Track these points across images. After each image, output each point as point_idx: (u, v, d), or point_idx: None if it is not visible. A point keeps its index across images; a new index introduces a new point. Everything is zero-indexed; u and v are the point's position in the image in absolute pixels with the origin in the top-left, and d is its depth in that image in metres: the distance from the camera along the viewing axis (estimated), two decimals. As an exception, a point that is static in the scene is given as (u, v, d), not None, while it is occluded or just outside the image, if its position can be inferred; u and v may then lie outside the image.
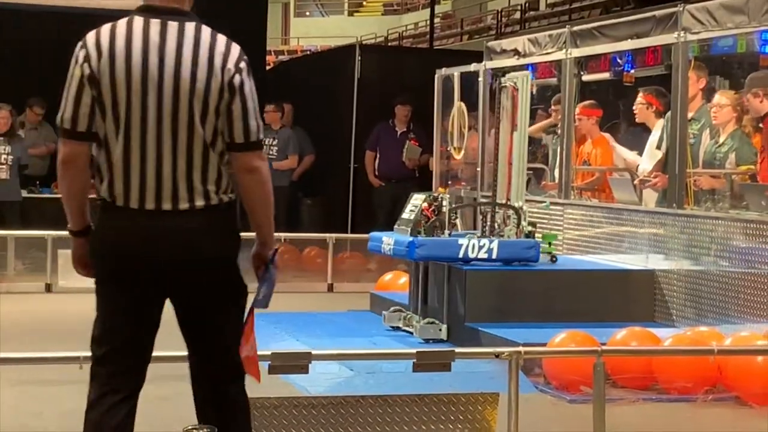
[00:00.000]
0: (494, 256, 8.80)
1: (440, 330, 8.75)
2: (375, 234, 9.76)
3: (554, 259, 9.12)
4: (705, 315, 8.30)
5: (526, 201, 9.29)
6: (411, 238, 8.79)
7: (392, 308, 9.41)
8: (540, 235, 9.17)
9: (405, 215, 9.16)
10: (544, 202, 9.86)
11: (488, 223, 9.10)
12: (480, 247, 8.78)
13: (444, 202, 8.92)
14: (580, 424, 6.08)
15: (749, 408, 6.88)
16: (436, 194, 9.07)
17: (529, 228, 9.01)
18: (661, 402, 7.06)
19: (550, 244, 9.13)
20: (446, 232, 8.90)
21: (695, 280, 8.47)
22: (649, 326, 8.08)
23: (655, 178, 9.26)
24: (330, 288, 12.33)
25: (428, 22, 22.91)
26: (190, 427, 1.65)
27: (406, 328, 9.14)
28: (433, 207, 8.92)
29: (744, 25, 7.97)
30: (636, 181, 9.58)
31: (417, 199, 9.12)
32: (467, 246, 8.75)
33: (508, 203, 9.12)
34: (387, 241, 9.22)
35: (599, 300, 8.78)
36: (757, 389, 6.85)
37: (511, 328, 8.22)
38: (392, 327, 9.31)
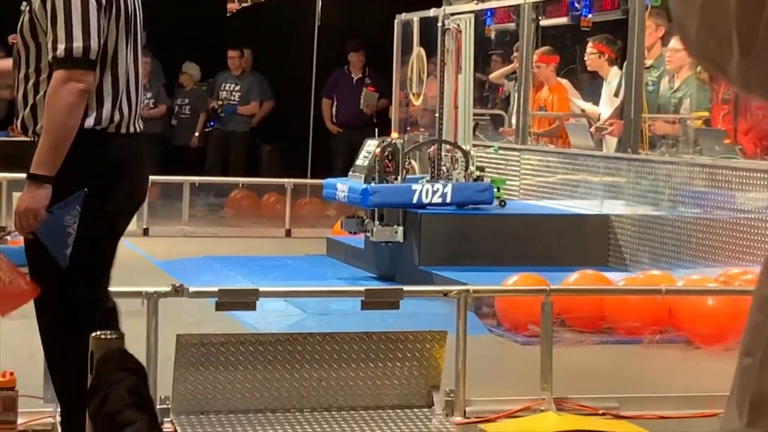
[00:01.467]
0: (448, 200, 8.78)
1: (396, 233, 8.72)
2: (329, 181, 9.72)
3: (503, 203, 9.11)
4: (659, 259, 8.34)
5: (477, 146, 9.26)
6: (365, 185, 8.75)
7: (349, 215, 9.27)
8: (489, 180, 9.16)
9: (359, 161, 9.11)
10: (493, 146, 9.82)
11: (436, 167, 9.08)
12: (434, 192, 8.76)
13: (398, 147, 8.88)
14: (528, 364, 6.10)
15: (697, 349, 6.93)
16: (389, 139, 9.03)
17: (478, 172, 8.99)
18: (610, 344, 7.10)
19: (499, 188, 9.12)
20: (399, 177, 8.87)
21: (649, 225, 8.51)
22: (603, 270, 8.11)
23: (612, 125, 9.26)
24: (288, 233, 12.30)
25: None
26: (99, 334, 1.65)
27: (365, 233, 9.09)
28: (386, 152, 8.88)
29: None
30: (592, 129, 9.58)
31: (371, 145, 9.07)
32: (421, 191, 8.73)
33: (457, 145, 9.10)
34: (341, 187, 9.19)
35: (554, 245, 8.80)
36: (706, 330, 6.89)
37: (464, 271, 8.23)
38: (351, 232, 9.26)
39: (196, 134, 14.82)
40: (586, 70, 10.22)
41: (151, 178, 11.93)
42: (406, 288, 5.43)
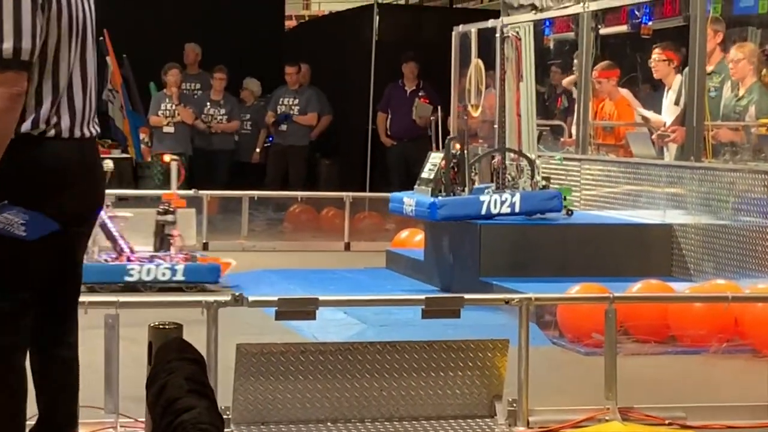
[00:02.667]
0: (517, 209, 8.69)
1: None
2: (395, 195, 9.66)
3: (570, 212, 9.01)
4: (723, 269, 8.20)
5: (539, 156, 9.17)
6: (432, 199, 8.69)
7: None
8: (555, 188, 9.07)
9: (424, 174, 9.05)
10: (557, 156, 9.71)
11: (501, 177, 8.99)
12: (502, 202, 8.68)
13: (463, 158, 8.79)
14: (592, 374, 6.01)
15: (764, 358, 6.79)
16: (453, 151, 8.94)
17: (543, 182, 8.90)
18: (674, 354, 6.98)
19: (566, 197, 9.03)
20: (466, 188, 8.80)
21: (713, 234, 8.37)
22: (667, 281, 7.99)
23: (674, 132, 9.14)
24: (347, 247, 12.26)
25: (448, -15, 22.74)
26: (156, 323, 1.61)
27: None
28: (452, 164, 8.81)
29: (763, -27, 7.83)
30: (654, 136, 9.46)
31: (435, 158, 9.02)
32: (489, 202, 8.65)
33: (523, 153, 9.01)
34: (408, 202, 9.12)
35: (616, 255, 8.69)
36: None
37: (525, 282, 8.14)
38: None
39: (257, 150, 14.88)
40: (646, 79, 10.10)
41: (210, 193, 12.19)
42: (467, 296, 5.36)
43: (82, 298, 4.76)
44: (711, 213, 8.41)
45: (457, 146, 8.84)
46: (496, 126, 11.63)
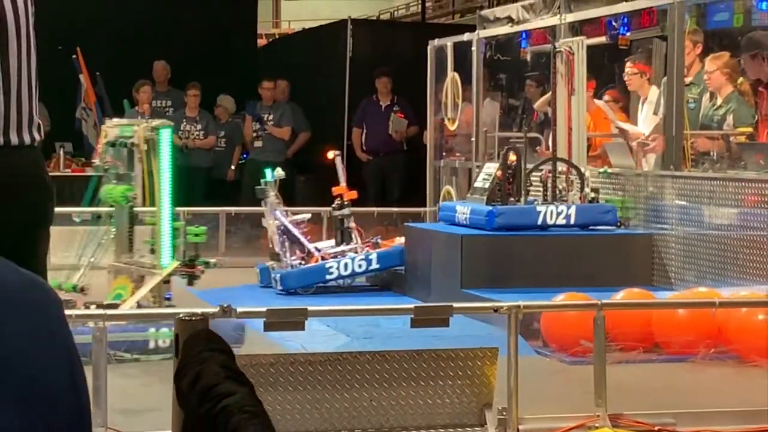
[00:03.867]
0: (572, 221, 8.76)
1: None
2: (447, 204, 9.79)
3: (625, 224, 8.98)
4: (704, 277, 8.22)
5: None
6: (489, 207, 8.70)
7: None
8: (603, 200, 9.08)
9: (478, 184, 9.09)
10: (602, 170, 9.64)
11: (551, 188, 9.02)
12: (558, 213, 8.72)
13: (519, 169, 8.83)
14: (579, 382, 6.01)
15: (749, 365, 6.80)
16: (509, 162, 8.94)
17: (592, 194, 8.94)
18: (661, 362, 6.99)
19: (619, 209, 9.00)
20: (522, 199, 8.84)
21: (693, 243, 8.40)
22: (648, 289, 8.00)
23: (654, 141, 9.18)
24: (324, 261, 12.19)
25: (420, 3, 22.79)
26: (182, 315, 1.60)
27: None
28: (508, 174, 8.85)
29: (740, -18, 7.88)
30: (634, 145, 9.50)
31: (490, 168, 9.07)
32: (545, 213, 8.69)
33: (574, 165, 9.05)
34: (462, 210, 9.12)
35: (597, 264, 8.70)
36: (758, 346, 6.77)
37: (507, 293, 8.12)
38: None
39: (232, 167, 14.83)
40: (624, 89, 10.14)
41: (187, 209, 12.15)
42: (455, 305, 5.35)
43: (68, 312, 4.74)
44: (691, 222, 8.44)
45: (513, 157, 8.86)
46: (473, 139, 11.67)
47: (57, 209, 3.70)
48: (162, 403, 3.93)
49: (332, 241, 9.61)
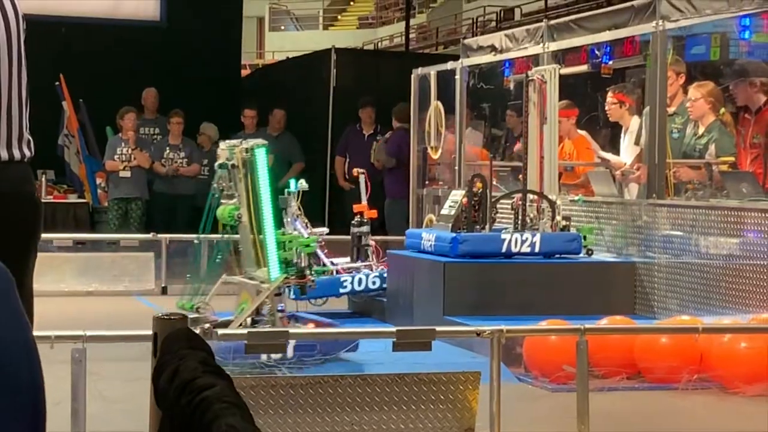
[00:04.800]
0: (537, 249, 8.75)
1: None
2: (412, 231, 9.80)
3: (590, 252, 8.97)
4: (686, 306, 8.21)
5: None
6: (453, 234, 8.70)
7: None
8: (574, 229, 9.07)
9: (444, 211, 9.10)
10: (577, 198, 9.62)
11: (521, 217, 9.02)
12: (523, 241, 8.72)
13: (485, 197, 8.84)
14: (561, 408, 5.99)
15: (730, 393, 6.79)
16: (475, 189, 8.97)
17: (564, 222, 8.94)
18: (643, 390, 6.96)
19: (585, 237, 8.98)
20: (487, 226, 8.85)
21: (676, 271, 8.40)
22: (630, 318, 7.99)
23: (638, 170, 9.19)
24: (307, 289, 12.15)
25: (404, 35, 22.91)
26: (161, 314, 1.57)
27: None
28: (473, 202, 8.87)
29: (723, 11, 7.91)
30: (618, 174, 9.51)
31: (456, 195, 9.08)
32: (510, 240, 8.69)
33: (544, 195, 9.06)
34: (427, 237, 9.13)
35: (579, 293, 8.68)
36: (739, 375, 6.77)
37: (489, 320, 8.09)
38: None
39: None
40: (607, 119, 10.17)
41: (169, 236, 12.07)
42: (438, 328, 5.32)
43: (47, 333, 4.70)
44: (674, 250, 8.44)
45: (479, 185, 8.87)
46: (456, 168, 11.67)
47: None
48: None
49: (347, 258, 9.66)
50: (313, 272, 7.99)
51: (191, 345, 1.48)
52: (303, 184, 8.80)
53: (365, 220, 9.63)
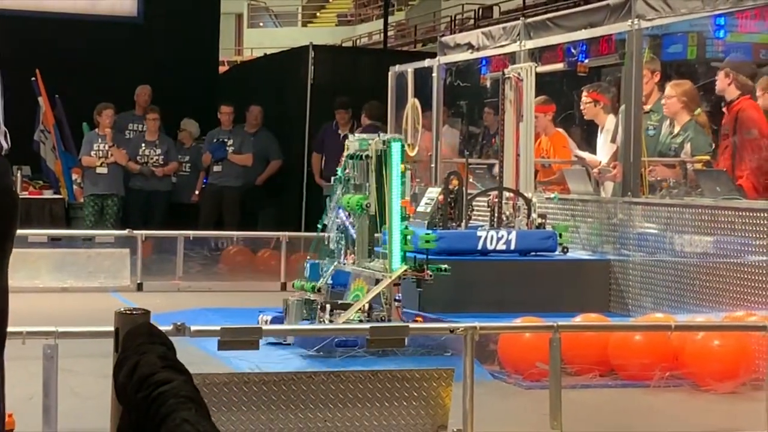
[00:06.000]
0: (512, 247, 8.77)
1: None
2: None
3: (566, 250, 8.98)
4: (661, 303, 8.25)
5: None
6: (429, 231, 8.70)
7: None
8: (550, 227, 9.08)
9: (420, 208, 9.09)
10: (553, 196, 9.63)
11: (497, 214, 9.02)
12: (498, 239, 8.73)
13: (461, 194, 8.86)
14: (535, 406, 6.00)
15: (703, 391, 6.82)
16: (451, 187, 8.98)
17: (540, 220, 8.95)
18: (616, 387, 6.99)
19: (561, 235, 8.99)
20: (463, 224, 8.85)
21: (650, 269, 8.43)
22: (605, 316, 8.02)
23: (614, 168, 9.22)
24: (283, 287, 12.16)
25: (382, 32, 22.89)
26: (123, 309, 1.57)
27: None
28: (449, 199, 8.87)
29: (698, 10, 7.94)
30: (595, 172, 9.53)
31: (432, 192, 9.08)
32: (485, 238, 8.70)
33: (520, 193, 9.08)
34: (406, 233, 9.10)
35: (554, 290, 8.71)
36: (713, 372, 6.80)
37: (465, 317, 8.09)
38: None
39: (197, 192, 14.74)
40: (582, 117, 10.20)
41: (145, 232, 12.05)
42: (412, 325, 5.33)
43: (19, 328, 4.68)
44: (648, 248, 8.47)
45: (455, 182, 8.88)
46: (432, 165, 11.68)
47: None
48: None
49: None
50: (430, 268, 7.99)
51: (152, 340, 1.47)
52: None
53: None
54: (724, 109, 8.62)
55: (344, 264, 8.44)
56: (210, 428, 1.19)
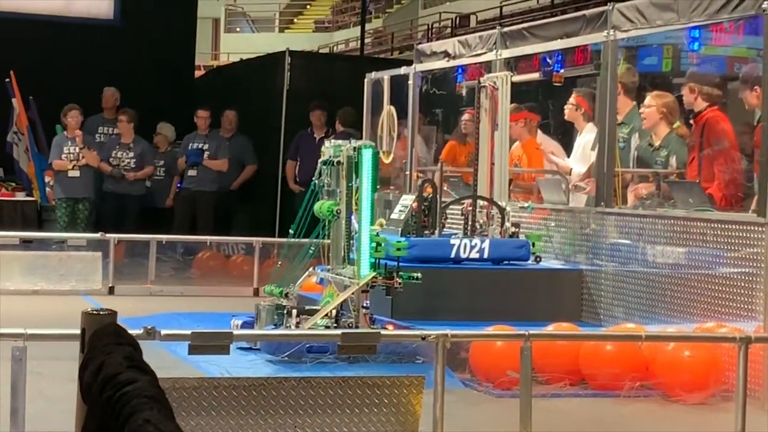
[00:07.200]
0: (486, 255, 8.76)
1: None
2: None
3: (539, 259, 8.99)
4: (632, 314, 8.27)
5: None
6: (402, 239, 8.69)
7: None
8: (523, 236, 9.09)
9: (394, 215, 9.09)
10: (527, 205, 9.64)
11: (470, 223, 9.03)
12: (472, 247, 8.73)
13: (435, 202, 8.86)
14: (505, 414, 6.00)
15: (674, 401, 6.84)
16: (425, 194, 8.98)
17: (513, 228, 8.95)
18: (587, 396, 7.00)
19: (534, 244, 9.00)
20: (436, 231, 8.85)
21: (622, 279, 8.45)
22: (577, 325, 8.03)
23: (588, 182, 9.25)
24: (256, 292, 12.15)
25: (359, 39, 22.90)
26: (89, 309, 1.56)
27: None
28: (423, 207, 8.87)
29: (673, 22, 7.97)
30: (571, 186, 9.55)
31: (406, 200, 9.08)
32: (459, 246, 8.70)
33: (494, 201, 9.08)
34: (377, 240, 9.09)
35: (526, 299, 8.72)
36: (682, 382, 6.83)
37: (437, 325, 8.09)
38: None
39: (171, 197, 14.67)
40: (558, 126, 10.23)
41: (117, 236, 11.99)
42: (383, 332, 5.32)
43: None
44: (621, 258, 8.49)
45: (429, 189, 8.88)
46: (407, 173, 11.69)
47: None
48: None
49: None
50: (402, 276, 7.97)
51: (118, 341, 1.46)
52: None
53: None
54: (691, 121, 8.66)
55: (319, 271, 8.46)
56: (173, 428, 1.18)
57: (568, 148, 10.15)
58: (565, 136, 10.26)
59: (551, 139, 10.59)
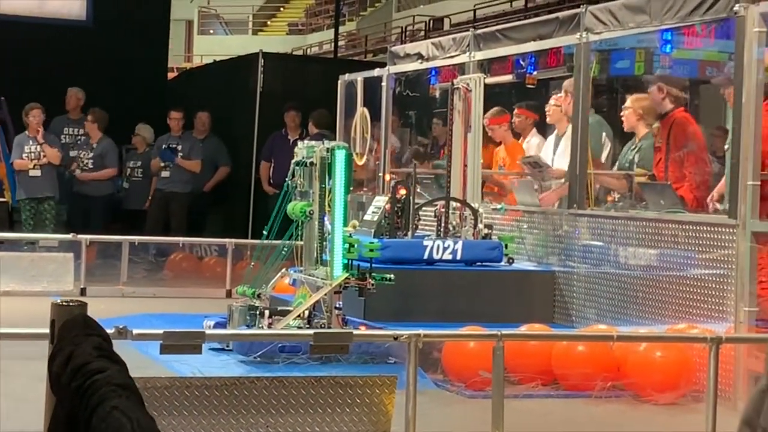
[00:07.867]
0: (459, 257, 8.77)
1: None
2: None
3: (511, 261, 9.00)
4: (605, 315, 8.29)
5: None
6: (375, 240, 8.69)
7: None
8: (496, 237, 9.10)
9: (367, 217, 9.09)
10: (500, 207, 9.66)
11: (443, 225, 9.04)
12: (445, 248, 8.74)
13: (408, 204, 8.86)
14: (477, 414, 6.01)
15: (645, 402, 6.87)
16: (398, 196, 8.98)
17: (486, 230, 8.97)
18: (559, 397, 7.02)
19: (506, 246, 9.02)
20: (409, 233, 8.86)
21: (595, 281, 8.47)
22: (549, 326, 8.05)
23: (560, 186, 9.28)
24: (228, 294, 12.12)
25: (333, 42, 22.89)
26: (60, 300, 1.56)
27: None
28: (396, 208, 8.87)
29: (645, 25, 8.01)
30: (551, 186, 9.58)
31: (379, 201, 9.08)
32: (432, 247, 8.70)
33: (467, 203, 9.09)
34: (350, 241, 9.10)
35: (499, 301, 8.73)
36: (654, 383, 6.85)
37: (410, 326, 8.08)
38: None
39: (150, 198, 14.59)
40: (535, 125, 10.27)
41: (89, 237, 11.95)
42: (356, 332, 5.32)
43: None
44: (593, 260, 8.52)
45: (402, 191, 8.88)
46: (380, 174, 11.69)
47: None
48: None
49: None
50: (374, 277, 7.95)
51: (87, 332, 1.46)
52: None
53: None
54: (657, 123, 8.71)
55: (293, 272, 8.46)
56: (141, 415, 1.18)
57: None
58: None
59: (544, 138, 10.60)
